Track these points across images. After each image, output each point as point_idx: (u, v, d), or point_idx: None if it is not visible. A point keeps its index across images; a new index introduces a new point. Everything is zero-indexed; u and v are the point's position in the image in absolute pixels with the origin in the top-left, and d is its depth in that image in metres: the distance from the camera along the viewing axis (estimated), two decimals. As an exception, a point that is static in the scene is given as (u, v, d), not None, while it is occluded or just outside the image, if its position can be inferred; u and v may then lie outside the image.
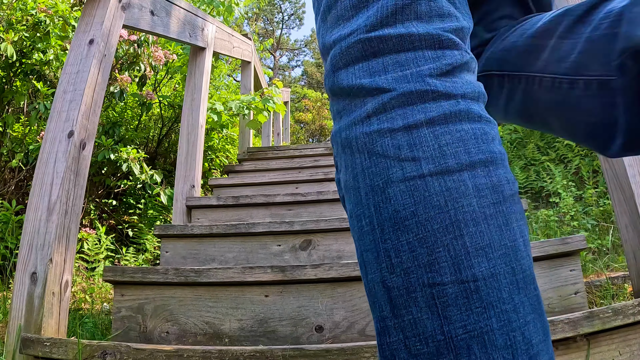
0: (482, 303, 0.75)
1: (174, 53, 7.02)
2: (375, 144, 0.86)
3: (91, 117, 3.19)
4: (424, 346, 0.76)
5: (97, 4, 3.52)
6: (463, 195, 0.80)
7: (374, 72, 0.90)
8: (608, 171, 2.90)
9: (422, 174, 0.81)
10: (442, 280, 0.77)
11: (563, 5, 1.34)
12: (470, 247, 0.78)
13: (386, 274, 0.82)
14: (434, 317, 0.76)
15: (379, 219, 0.84)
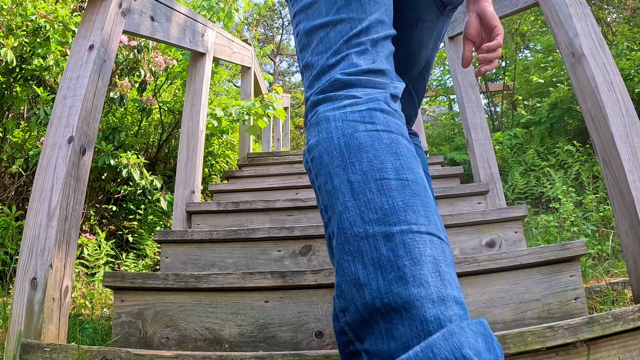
0: (411, 190, 1.36)
1: (174, 59, 7.02)
2: (347, 115, 1.54)
3: (91, 122, 3.20)
4: (374, 214, 1.31)
5: (97, 9, 3.52)
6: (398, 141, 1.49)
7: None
8: (608, 177, 2.90)
9: (377, 129, 1.50)
10: (388, 176, 1.38)
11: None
12: (404, 164, 1.43)
13: (351, 174, 1.40)
14: (383, 197, 1.33)
15: (347, 149, 1.46)
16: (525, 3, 3.87)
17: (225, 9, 7.85)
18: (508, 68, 13.15)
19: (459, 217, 4.10)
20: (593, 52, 3.08)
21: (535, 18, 12.76)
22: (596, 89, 2.95)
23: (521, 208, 4.11)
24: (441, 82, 14.35)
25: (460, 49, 5.48)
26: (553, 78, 10.65)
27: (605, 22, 11.81)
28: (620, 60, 8.60)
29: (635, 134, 2.79)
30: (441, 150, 11.86)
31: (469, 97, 5.24)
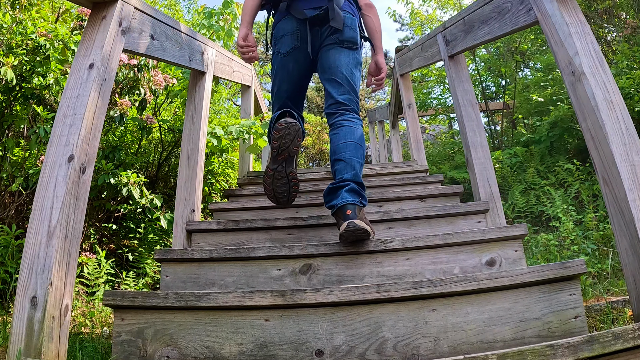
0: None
1: (174, 77, 7.03)
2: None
3: (91, 141, 3.20)
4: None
5: (97, 28, 3.54)
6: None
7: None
8: (608, 195, 2.91)
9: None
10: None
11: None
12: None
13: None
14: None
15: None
16: (525, 21, 3.87)
17: (225, 27, 7.88)
18: (508, 87, 13.16)
19: (459, 235, 4.11)
20: (593, 71, 3.09)
21: (535, 37, 12.76)
22: (596, 107, 2.96)
23: (521, 227, 4.12)
24: (441, 101, 14.35)
25: (460, 67, 5.50)
26: (553, 97, 10.66)
27: (605, 41, 11.82)
28: (620, 78, 8.61)
29: (635, 153, 2.80)
30: (441, 168, 11.86)
31: (469, 116, 5.26)
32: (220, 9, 8.05)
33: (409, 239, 4.12)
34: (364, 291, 3.11)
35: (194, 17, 13.51)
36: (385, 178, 7.06)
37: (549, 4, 3.49)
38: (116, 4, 3.63)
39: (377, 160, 16.85)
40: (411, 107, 8.24)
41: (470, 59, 12.86)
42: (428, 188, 6.12)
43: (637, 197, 2.71)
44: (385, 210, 5.40)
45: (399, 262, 4.10)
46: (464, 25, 5.16)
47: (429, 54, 6.43)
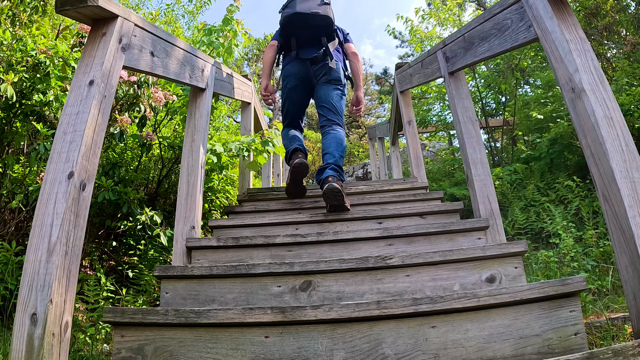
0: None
1: (173, 94, 7.03)
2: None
3: (91, 158, 3.21)
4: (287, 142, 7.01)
5: (97, 45, 3.55)
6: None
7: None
8: (608, 212, 2.90)
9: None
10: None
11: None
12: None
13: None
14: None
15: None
16: (525, 38, 3.87)
17: (225, 44, 7.89)
18: (508, 103, 13.16)
19: (459, 252, 4.11)
20: (593, 88, 3.09)
21: (535, 53, 12.76)
22: (596, 124, 2.96)
23: (521, 243, 4.11)
24: (441, 118, 14.32)
25: (460, 84, 5.51)
26: (553, 113, 10.67)
27: (605, 58, 11.83)
28: (620, 95, 8.61)
29: (636, 169, 2.80)
30: (441, 185, 11.85)
31: (469, 133, 5.26)
32: (220, 26, 8.07)
33: (409, 256, 4.12)
34: (364, 308, 3.11)
35: (194, 34, 13.54)
36: (385, 195, 7.08)
37: (549, 20, 3.49)
38: (116, 20, 3.64)
39: (377, 176, 16.82)
40: (411, 124, 8.25)
41: (470, 76, 12.88)
42: (428, 205, 6.12)
43: (637, 214, 2.70)
44: (385, 227, 5.40)
45: (399, 278, 4.09)
46: (464, 42, 5.16)
47: (429, 71, 6.44)
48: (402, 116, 8.44)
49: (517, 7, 3.97)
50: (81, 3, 3.41)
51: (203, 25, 8.49)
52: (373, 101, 49.48)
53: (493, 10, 4.44)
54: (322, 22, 6.55)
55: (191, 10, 15.38)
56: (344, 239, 5.01)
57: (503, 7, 4.20)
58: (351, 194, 7.39)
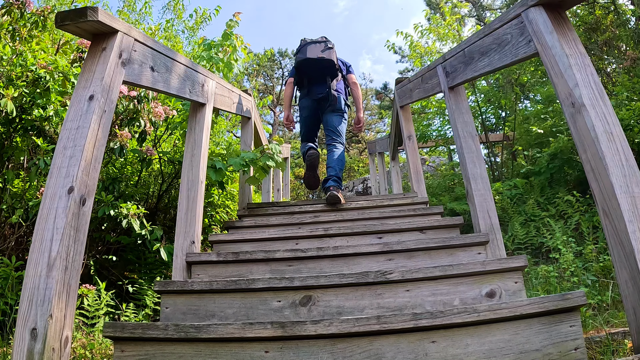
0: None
1: (173, 109, 7.05)
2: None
3: (91, 173, 3.21)
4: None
5: (97, 59, 3.55)
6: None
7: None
8: (608, 227, 2.91)
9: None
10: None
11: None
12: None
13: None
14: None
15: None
16: (525, 53, 3.88)
17: (225, 59, 7.90)
18: (508, 118, 13.15)
19: (459, 267, 4.11)
20: (593, 103, 3.10)
21: (535, 68, 12.75)
22: (596, 139, 2.96)
23: (521, 258, 4.12)
24: (441, 133, 14.28)
25: (460, 99, 5.52)
26: (553, 128, 10.65)
27: (605, 73, 11.84)
28: (620, 110, 8.61)
29: (635, 184, 2.80)
30: (441, 200, 11.84)
31: (469, 148, 5.26)
32: (220, 41, 8.10)
33: (409, 271, 4.12)
34: (364, 323, 3.11)
35: (194, 49, 13.58)
36: (385, 210, 7.10)
37: (549, 35, 3.50)
38: (116, 35, 3.65)
39: (377, 191, 16.82)
40: (411, 139, 8.26)
41: (470, 91, 12.87)
42: (428, 220, 6.13)
43: (637, 228, 2.71)
44: (385, 241, 5.39)
45: (399, 293, 4.09)
46: (464, 56, 5.17)
47: (429, 86, 6.45)
48: (402, 131, 8.45)
49: (517, 22, 3.97)
50: (81, 18, 3.42)
51: (202, 40, 8.52)
52: (373, 116, 49.47)
53: (493, 25, 4.44)
54: (327, 64, 8.24)
55: (191, 26, 15.40)
56: (344, 254, 5.02)
57: (503, 22, 4.21)
58: (351, 209, 7.44)
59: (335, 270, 4.90)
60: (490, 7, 38.80)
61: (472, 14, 36.03)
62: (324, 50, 8.26)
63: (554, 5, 3.60)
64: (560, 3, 3.58)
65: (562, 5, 3.61)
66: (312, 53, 8.20)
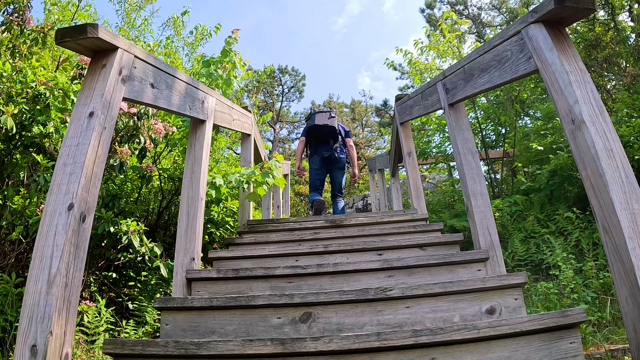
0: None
1: (173, 125, 7.05)
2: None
3: (91, 189, 3.21)
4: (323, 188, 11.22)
5: (97, 76, 3.56)
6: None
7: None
8: (608, 244, 2.90)
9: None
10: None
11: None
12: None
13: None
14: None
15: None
16: (525, 70, 3.88)
17: (224, 75, 7.91)
18: (508, 135, 13.15)
19: (459, 284, 4.11)
20: (593, 119, 3.10)
21: (535, 85, 12.76)
22: (596, 155, 2.96)
23: (521, 275, 4.12)
24: (441, 149, 14.29)
25: (460, 115, 5.53)
26: (553, 145, 10.64)
27: (605, 89, 11.85)
28: (620, 127, 8.61)
29: (635, 201, 2.80)
30: (441, 217, 11.83)
31: (469, 164, 5.26)
32: (219, 57, 8.10)
33: (409, 287, 4.12)
34: (364, 339, 3.10)
35: (193, 65, 13.58)
36: (385, 226, 7.09)
37: (549, 52, 3.50)
38: (116, 52, 3.66)
39: (377, 208, 16.87)
40: (411, 156, 8.25)
41: (470, 108, 12.88)
42: (428, 236, 6.13)
43: (637, 245, 2.70)
44: (385, 258, 5.39)
45: (399, 310, 4.09)
46: (464, 73, 5.17)
47: (429, 102, 6.46)
48: (402, 148, 8.45)
49: (517, 39, 3.98)
50: (81, 35, 3.43)
51: (201, 56, 8.54)
52: (373, 133, 49.56)
53: (493, 41, 4.45)
54: (330, 130, 10.74)
55: (191, 43, 15.43)
56: (344, 271, 5.01)
57: (503, 38, 4.22)
58: (351, 226, 7.41)
59: (335, 287, 4.89)
60: (490, 24, 38.96)
61: (472, 31, 36.18)
62: (329, 119, 10.75)
63: (554, 22, 3.61)
64: (560, 20, 3.59)
65: (562, 22, 3.62)
66: (319, 120, 10.69)
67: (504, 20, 37.58)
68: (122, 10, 15.39)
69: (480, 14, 40.70)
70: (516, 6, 35.31)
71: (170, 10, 45.02)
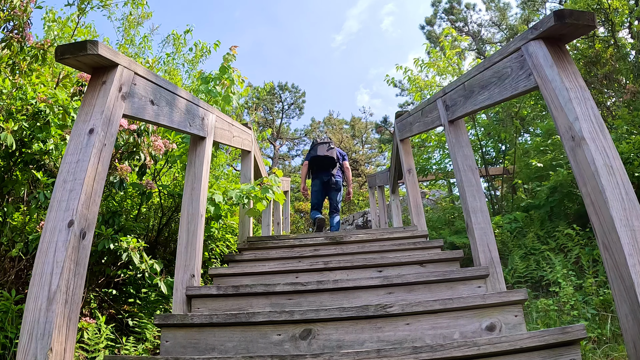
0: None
1: (173, 142, 7.04)
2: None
3: (91, 206, 3.22)
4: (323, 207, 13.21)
5: (97, 93, 3.57)
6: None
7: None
8: (608, 260, 2.90)
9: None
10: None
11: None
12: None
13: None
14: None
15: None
16: (525, 87, 3.88)
17: (223, 92, 7.92)
18: (508, 152, 13.18)
19: (459, 300, 4.11)
20: (593, 136, 3.11)
21: (535, 102, 12.78)
22: (596, 172, 2.97)
23: (521, 292, 4.12)
24: (441, 166, 14.31)
25: (460, 132, 5.54)
26: (553, 162, 10.63)
27: (605, 106, 11.87)
28: (620, 143, 8.61)
29: (636, 218, 2.80)
30: (441, 233, 11.84)
31: (469, 181, 5.27)
32: (218, 74, 8.11)
33: (409, 304, 4.12)
34: (364, 356, 3.10)
35: (193, 82, 13.60)
36: (386, 243, 7.09)
37: (549, 69, 3.51)
38: (116, 69, 3.67)
39: (377, 225, 16.88)
40: (411, 172, 8.26)
41: (470, 124, 12.89)
42: (428, 253, 6.13)
43: (637, 262, 2.70)
44: (385, 275, 5.39)
45: (399, 327, 4.09)
46: (464, 90, 5.18)
47: (429, 119, 6.47)
48: (402, 164, 8.46)
49: (517, 56, 3.99)
50: (81, 51, 3.43)
51: (200, 73, 8.55)
52: (373, 149, 49.59)
53: (493, 58, 4.46)
54: (329, 159, 12.49)
55: (191, 60, 15.45)
56: (344, 287, 5.01)
57: (503, 55, 4.23)
58: (351, 243, 7.41)
59: (336, 303, 4.89)
60: (490, 40, 39.02)
61: (472, 48, 36.21)
62: (328, 150, 12.50)
63: (554, 39, 3.62)
64: (560, 37, 3.60)
65: (562, 39, 3.63)
66: (320, 151, 12.45)
67: (504, 37, 37.67)
68: (121, 27, 15.41)
69: (480, 30, 40.84)
70: (516, 23, 35.42)
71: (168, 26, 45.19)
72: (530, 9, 32.19)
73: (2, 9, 6.33)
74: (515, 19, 37.35)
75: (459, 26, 40.89)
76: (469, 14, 41.66)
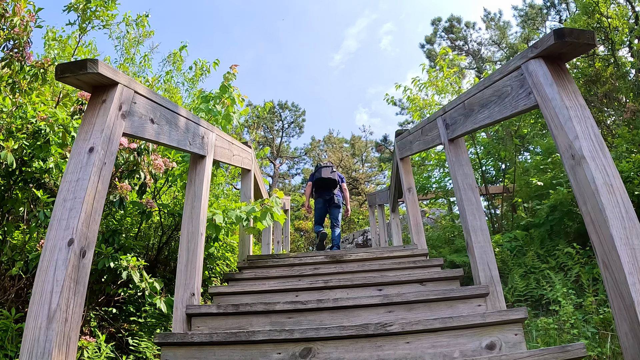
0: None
1: (173, 161, 7.04)
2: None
3: (91, 225, 3.22)
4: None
5: (97, 112, 3.58)
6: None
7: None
8: (608, 279, 2.91)
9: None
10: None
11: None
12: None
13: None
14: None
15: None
16: (525, 105, 3.89)
17: (223, 111, 7.92)
18: (508, 170, 13.19)
19: (459, 319, 4.11)
20: (593, 155, 3.11)
21: (534, 120, 12.80)
22: (596, 191, 2.97)
23: (521, 310, 4.11)
24: (441, 185, 14.33)
25: (460, 151, 5.57)
26: (553, 180, 10.62)
27: (605, 125, 11.89)
28: (620, 162, 8.61)
29: (635, 236, 2.81)
30: (441, 252, 11.81)
31: (469, 200, 5.28)
32: (218, 93, 8.11)
33: (409, 323, 4.12)
34: (364, 375, 3.10)
35: (193, 101, 13.61)
36: (386, 262, 7.08)
37: (549, 87, 3.52)
38: (116, 88, 3.68)
39: (377, 243, 16.94)
40: (411, 191, 8.29)
41: (470, 143, 12.90)
42: (428, 272, 6.14)
43: (637, 280, 2.71)
44: (385, 293, 5.40)
45: (399, 345, 4.08)
46: (464, 108, 5.19)
47: (429, 138, 6.48)
48: (402, 183, 8.48)
49: (517, 74, 4.00)
50: (81, 70, 3.44)
51: (200, 92, 8.55)
52: (373, 168, 49.62)
53: (493, 77, 4.47)
54: (331, 181, 13.67)
55: (191, 78, 15.45)
56: (344, 306, 5.01)
57: (503, 74, 4.24)
58: (351, 261, 7.41)
59: (335, 322, 4.89)
60: (490, 59, 39.09)
61: (471, 66, 36.29)
62: (331, 172, 13.75)
63: (553, 57, 3.64)
64: (560, 55, 3.62)
65: (562, 58, 3.65)
66: (325, 174, 13.71)
67: (504, 56, 37.74)
68: (121, 46, 15.43)
69: (480, 49, 40.96)
70: (516, 41, 35.51)
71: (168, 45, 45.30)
72: (530, 28, 32.32)
73: (2, 27, 6.34)
74: (515, 37, 37.52)
75: (459, 45, 41.03)
76: (469, 32, 41.86)
